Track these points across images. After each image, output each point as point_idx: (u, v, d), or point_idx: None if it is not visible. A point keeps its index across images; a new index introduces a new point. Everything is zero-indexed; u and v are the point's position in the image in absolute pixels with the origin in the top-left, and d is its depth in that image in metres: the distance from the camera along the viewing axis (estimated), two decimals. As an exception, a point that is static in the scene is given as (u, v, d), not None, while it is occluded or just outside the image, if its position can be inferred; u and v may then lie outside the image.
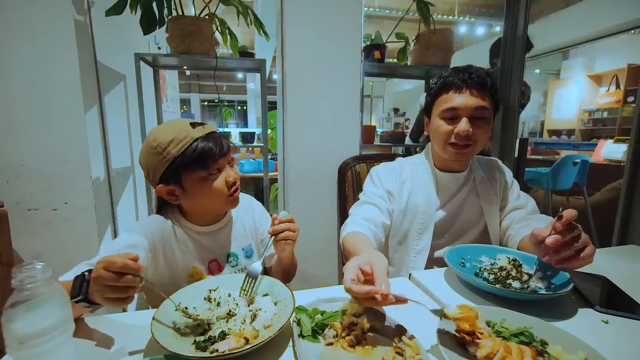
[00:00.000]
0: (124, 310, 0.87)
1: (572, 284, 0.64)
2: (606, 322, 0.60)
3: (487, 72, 0.90)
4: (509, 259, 0.79)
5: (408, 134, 2.10)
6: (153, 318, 0.52)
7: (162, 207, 0.83)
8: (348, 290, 0.51)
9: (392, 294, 0.49)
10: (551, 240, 0.60)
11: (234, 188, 0.77)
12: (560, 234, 0.61)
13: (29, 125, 1.24)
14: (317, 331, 0.55)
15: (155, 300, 0.75)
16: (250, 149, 4.97)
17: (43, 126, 1.25)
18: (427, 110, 0.99)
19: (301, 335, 0.53)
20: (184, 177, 0.72)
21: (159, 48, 2.18)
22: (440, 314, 0.52)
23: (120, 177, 1.66)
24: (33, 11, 1.19)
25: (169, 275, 0.77)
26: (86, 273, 0.53)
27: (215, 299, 0.60)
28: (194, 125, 0.74)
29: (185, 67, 1.90)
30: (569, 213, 0.60)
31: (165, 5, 1.35)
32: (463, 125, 0.86)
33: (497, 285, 0.68)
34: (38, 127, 1.24)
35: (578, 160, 2.84)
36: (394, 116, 9.95)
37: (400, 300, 0.50)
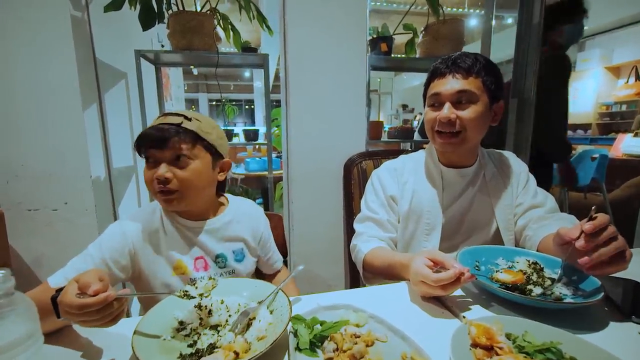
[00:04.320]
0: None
1: (603, 292, 0.57)
2: (644, 335, 0.53)
3: (484, 58, 0.84)
4: (528, 262, 0.72)
5: (417, 129, 2.03)
6: (135, 331, 0.48)
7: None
8: (437, 281, 0.57)
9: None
10: (582, 243, 0.54)
11: (160, 186, 0.69)
12: (591, 235, 0.54)
13: (28, 125, 1.22)
14: (315, 344, 0.50)
15: (149, 304, 0.71)
16: (257, 147, 4.96)
17: (42, 126, 1.23)
18: (424, 102, 0.95)
19: (297, 349, 0.48)
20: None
21: (162, 46, 2.15)
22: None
23: (122, 177, 1.63)
24: (28, 8, 1.16)
25: (154, 266, 0.74)
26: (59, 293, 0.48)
27: (206, 306, 0.56)
28: (166, 114, 0.73)
29: (188, 65, 1.87)
30: (602, 217, 0.54)
31: (165, 0, 1.31)
32: (445, 110, 0.83)
33: (516, 292, 0.62)
34: (37, 127, 1.22)
35: (597, 155, 2.71)
36: (402, 112, 9.76)
37: (472, 276, 0.59)
